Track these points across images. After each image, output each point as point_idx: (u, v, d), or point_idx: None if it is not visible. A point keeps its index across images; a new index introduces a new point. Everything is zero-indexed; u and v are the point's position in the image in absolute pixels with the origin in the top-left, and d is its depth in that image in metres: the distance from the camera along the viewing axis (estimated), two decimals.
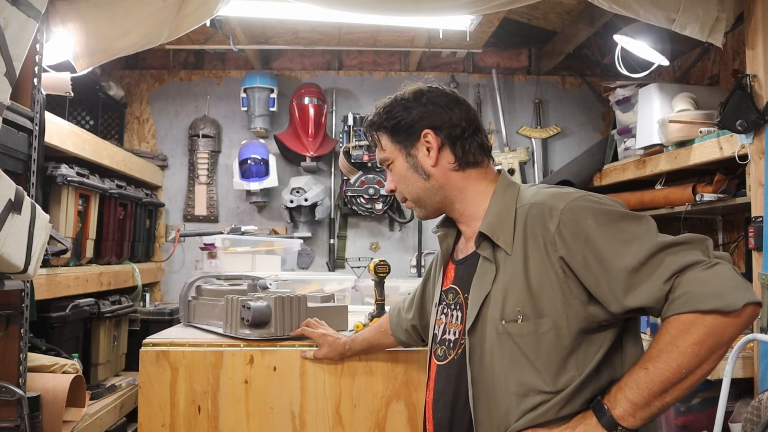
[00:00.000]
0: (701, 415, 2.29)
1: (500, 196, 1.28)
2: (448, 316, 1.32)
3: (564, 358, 1.14)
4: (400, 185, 1.36)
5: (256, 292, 1.95)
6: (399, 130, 1.33)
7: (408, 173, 1.34)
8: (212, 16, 2.13)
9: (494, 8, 2.29)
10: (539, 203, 1.20)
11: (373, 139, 1.39)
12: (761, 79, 2.17)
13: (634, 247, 1.09)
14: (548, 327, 1.14)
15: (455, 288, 1.32)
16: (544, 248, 1.16)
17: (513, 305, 1.17)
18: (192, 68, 3.92)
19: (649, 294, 1.07)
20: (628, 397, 1.06)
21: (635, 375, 1.07)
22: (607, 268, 1.10)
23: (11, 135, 1.73)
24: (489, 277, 1.21)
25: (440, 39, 3.33)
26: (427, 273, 1.58)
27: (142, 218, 3.35)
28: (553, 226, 1.15)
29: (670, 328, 1.05)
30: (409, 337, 1.66)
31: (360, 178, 3.63)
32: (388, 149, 1.36)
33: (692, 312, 1.03)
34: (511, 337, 1.16)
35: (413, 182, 1.33)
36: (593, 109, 4.00)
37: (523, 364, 1.15)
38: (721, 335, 1.03)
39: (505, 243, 1.21)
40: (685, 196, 2.68)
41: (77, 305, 2.42)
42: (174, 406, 1.75)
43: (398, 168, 1.35)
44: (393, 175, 1.37)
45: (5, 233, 1.42)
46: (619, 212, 1.15)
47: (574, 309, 1.14)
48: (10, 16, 1.45)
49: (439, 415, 1.28)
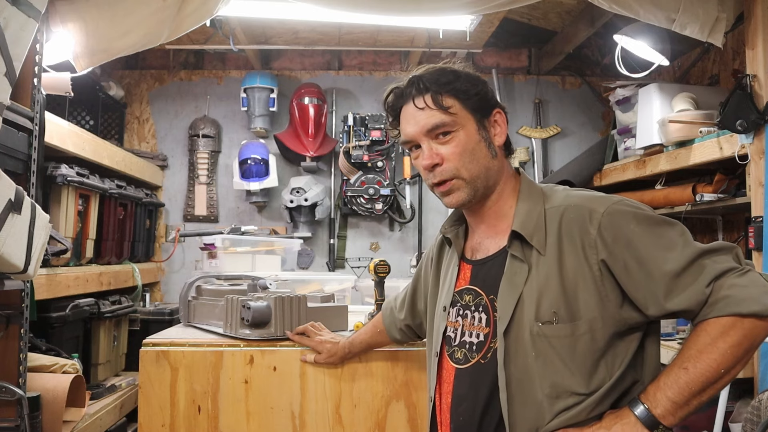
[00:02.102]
0: (701, 415, 2.29)
1: (527, 196, 1.26)
2: (466, 318, 1.28)
3: (596, 361, 1.14)
4: (458, 158, 1.22)
5: (256, 292, 1.95)
6: (473, 100, 1.23)
7: (477, 146, 1.23)
8: (212, 16, 2.14)
9: (494, 8, 2.29)
10: (577, 206, 1.19)
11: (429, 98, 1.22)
12: (761, 79, 2.17)
13: (675, 253, 1.12)
14: (584, 329, 1.14)
15: (474, 289, 1.28)
16: (582, 251, 1.15)
17: (548, 307, 1.16)
18: (192, 68, 3.92)
19: (692, 298, 1.10)
20: (668, 396, 1.08)
21: (674, 375, 1.09)
22: (649, 272, 1.11)
23: (11, 135, 1.73)
24: (521, 278, 1.19)
25: (440, 39, 3.33)
26: (418, 272, 1.55)
27: (142, 218, 3.35)
28: (594, 229, 1.15)
29: (710, 330, 1.08)
30: (404, 336, 1.65)
31: (360, 178, 3.63)
32: (459, 115, 1.22)
33: (732, 315, 1.07)
34: (546, 338, 1.15)
35: (481, 157, 1.23)
36: (593, 109, 4.00)
37: (557, 365, 1.14)
38: (756, 337, 1.08)
39: (539, 243, 1.19)
40: (685, 196, 2.68)
41: (77, 305, 2.42)
42: (174, 406, 1.75)
43: (464, 139, 1.22)
44: (448, 146, 1.22)
45: (5, 233, 1.42)
46: (658, 218, 1.17)
47: (609, 312, 1.14)
48: (10, 16, 1.45)
49: (460, 419, 1.25)
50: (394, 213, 3.80)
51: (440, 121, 1.22)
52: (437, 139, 1.23)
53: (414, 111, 1.24)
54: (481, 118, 1.25)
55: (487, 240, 1.30)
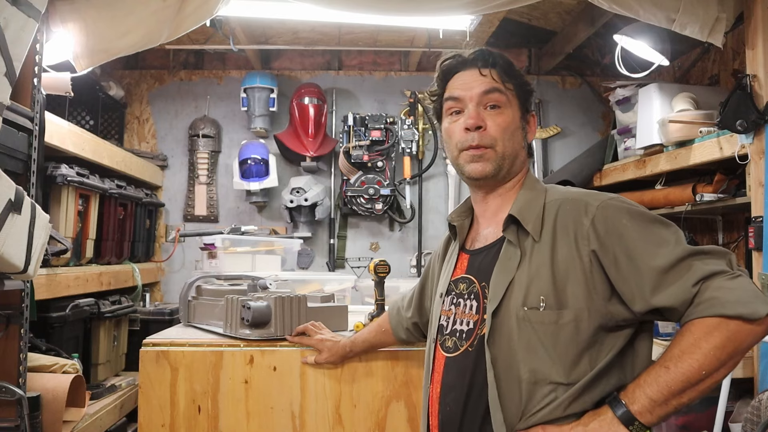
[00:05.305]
0: (701, 415, 2.29)
1: (530, 187, 1.31)
2: (459, 306, 1.30)
3: (579, 353, 1.15)
4: (501, 132, 1.28)
5: (256, 292, 1.95)
6: (526, 95, 1.34)
7: (516, 130, 1.31)
8: (212, 16, 2.13)
9: (494, 8, 2.29)
10: (573, 199, 1.22)
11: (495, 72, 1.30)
12: (761, 79, 2.17)
13: (665, 250, 1.12)
14: (569, 319, 1.15)
15: (469, 277, 1.31)
16: (575, 241, 1.17)
17: (537, 293, 1.17)
18: (192, 68, 3.92)
19: (677, 295, 1.10)
20: (647, 393, 1.08)
21: (655, 373, 1.09)
22: (637, 266, 1.12)
23: (11, 135, 1.73)
24: (513, 263, 1.22)
25: (440, 39, 3.32)
26: (426, 269, 1.58)
27: (142, 218, 3.35)
28: (587, 221, 1.17)
29: (694, 330, 1.08)
30: (410, 335, 1.66)
31: (360, 178, 3.63)
32: (512, 100, 1.31)
33: (717, 316, 1.06)
34: (531, 324, 1.17)
35: (516, 141, 1.30)
36: (593, 109, 4.00)
37: (539, 351, 1.16)
38: (742, 341, 1.07)
39: (534, 229, 1.22)
40: (685, 196, 2.68)
41: (77, 305, 2.42)
42: (174, 406, 1.75)
43: (510, 118, 1.29)
44: (496, 118, 1.28)
45: (5, 233, 1.42)
46: (652, 216, 1.18)
47: (596, 304, 1.15)
48: (10, 16, 1.45)
49: (447, 408, 1.26)
50: (394, 213, 3.80)
51: (498, 91, 1.28)
52: (486, 109, 1.29)
53: (475, 76, 1.30)
54: (524, 111, 1.33)
55: (487, 230, 1.33)
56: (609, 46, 3.35)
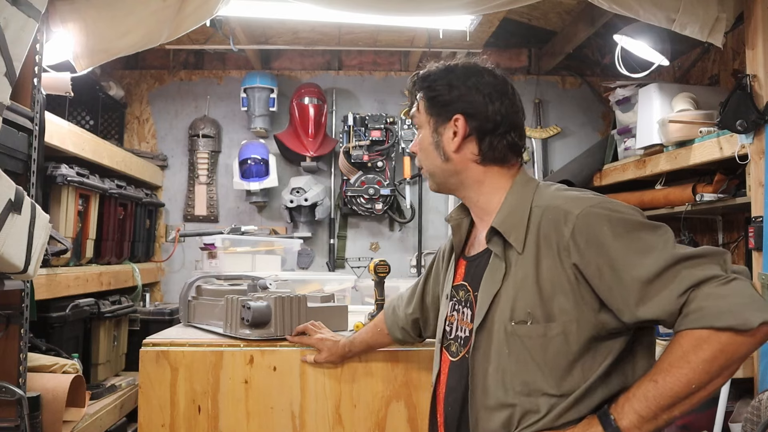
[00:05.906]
0: (701, 415, 2.29)
1: (517, 192, 1.26)
2: (459, 312, 1.31)
3: (570, 363, 1.13)
4: (420, 154, 1.36)
5: (256, 292, 1.95)
6: (435, 104, 1.31)
7: (429, 147, 1.32)
8: (212, 16, 2.13)
9: (494, 8, 2.29)
10: (555, 207, 1.17)
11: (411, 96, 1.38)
12: (761, 79, 2.17)
13: (649, 258, 1.07)
14: (557, 331, 1.13)
15: (465, 285, 1.31)
16: (557, 253, 1.14)
17: (523, 307, 1.16)
18: (192, 68, 3.92)
19: (662, 307, 1.05)
20: (635, 408, 1.05)
21: (644, 387, 1.06)
22: (620, 277, 1.08)
23: (11, 135, 1.73)
24: (499, 275, 1.20)
25: (440, 39, 3.32)
26: (430, 267, 1.57)
27: (142, 218, 3.35)
28: (567, 232, 1.13)
29: (683, 342, 1.04)
30: (406, 335, 1.65)
31: (360, 178, 3.63)
32: (421, 116, 1.34)
33: (706, 328, 1.02)
34: (519, 338, 1.16)
35: (432, 158, 1.32)
36: (593, 109, 4.00)
37: (530, 365, 1.15)
38: (734, 353, 1.02)
39: (517, 241, 1.19)
40: (685, 196, 2.68)
41: (77, 305, 2.42)
42: (174, 406, 1.75)
43: (423, 138, 1.34)
44: (415, 140, 1.37)
45: (5, 233, 1.42)
46: (636, 221, 1.12)
47: (586, 316, 1.13)
48: (10, 16, 1.45)
49: (449, 409, 1.29)
50: (394, 213, 3.80)
51: (413, 119, 1.37)
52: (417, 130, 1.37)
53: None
54: (437, 123, 1.31)
55: (482, 234, 1.31)
56: (609, 46, 3.35)
